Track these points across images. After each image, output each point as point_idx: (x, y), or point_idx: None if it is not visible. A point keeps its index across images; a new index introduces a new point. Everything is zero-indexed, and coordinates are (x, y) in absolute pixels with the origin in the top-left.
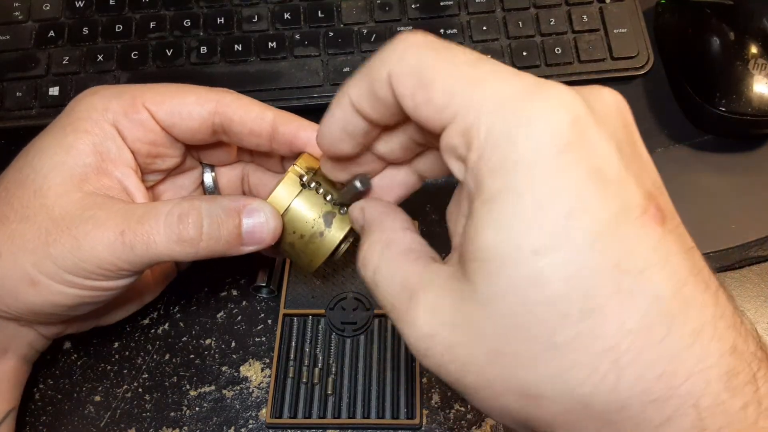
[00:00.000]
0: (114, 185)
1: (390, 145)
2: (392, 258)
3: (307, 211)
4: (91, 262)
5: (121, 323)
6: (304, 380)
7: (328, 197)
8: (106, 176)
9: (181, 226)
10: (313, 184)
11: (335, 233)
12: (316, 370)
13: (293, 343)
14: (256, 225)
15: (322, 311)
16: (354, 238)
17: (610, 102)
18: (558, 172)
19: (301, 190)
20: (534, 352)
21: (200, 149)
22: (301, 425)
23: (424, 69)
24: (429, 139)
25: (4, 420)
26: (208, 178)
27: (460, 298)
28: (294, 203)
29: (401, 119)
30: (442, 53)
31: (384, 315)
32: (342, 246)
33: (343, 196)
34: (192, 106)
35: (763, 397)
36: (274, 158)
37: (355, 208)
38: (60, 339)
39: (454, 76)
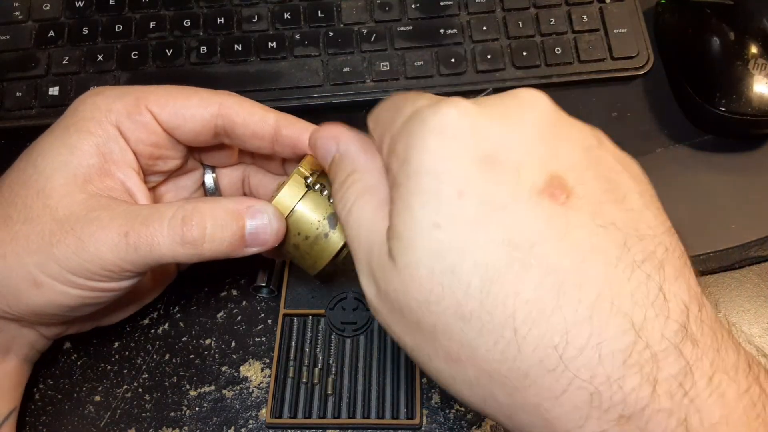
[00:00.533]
0: (117, 186)
1: None
2: (367, 206)
3: (312, 212)
4: (95, 263)
5: (121, 323)
6: (304, 380)
7: (332, 199)
8: (109, 177)
9: (185, 228)
10: (317, 186)
11: (340, 234)
12: (316, 370)
13: (293, 343)
14: (260, 227)
15: (322, 311)
16: None
17: (525, 100)
18: (449, 157)
19: (306, 192)
20: (447, 321)
21: (202, 151)
22: (301, 425)
23: (376, 113)
24: None
25: (5, 420)
26: (209, 179)
27: (389, 270)
28: (299, 205)
29: None
30: (389, 99)
31: None
32: (345, 249)
33: None
34: (195, 109)
35: (664, 378)
36: (276, 160)
37: (326, 136)
38: (60, 339)
39: (388, 112)
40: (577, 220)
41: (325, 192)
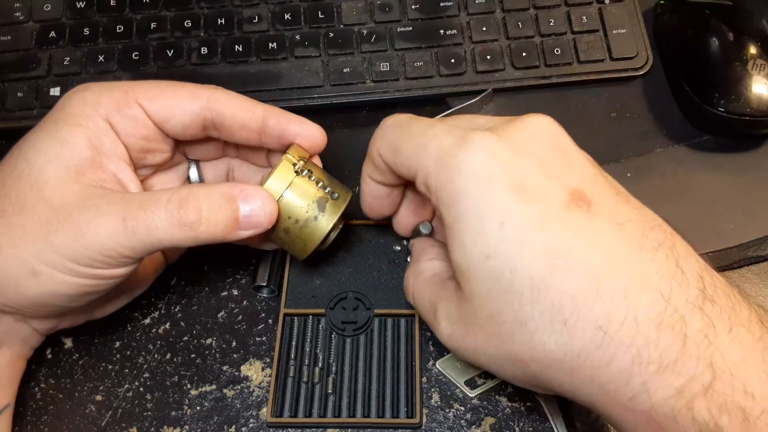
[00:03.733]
0: (109, 178)
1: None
2: (421, 284)
3: (302, 196)
4: (95, 249)
5: (122, 322)
6: (305, 379)
7: (320, 184)
8: (101, 170)
9: (182, 211)
10: (305, 172)
11: (329, 217)
12: (317, 370)
13: (294, 343)
14: (253, 210)
15: (323, 311)
16: (342, 225)
17: (534, 127)
18: (487, 195)
19: (294, 177)
20: (509, 329)
21: (187, 144)
22: (302, 424)
23: (394, 143)
24: None
25: (0, 415)
26: (193, 172)
27: (458, 302)
28: (289, 189)
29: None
30: (404, 128)
31: (384, 315)
32: (332, 234)
33: (335, 184)
34: (184, 102)
35: (692, 333)
36: (261, 152)
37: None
38: (60, 338)
39: (411, 145)
40: (601, 223)
41: (313, 177)
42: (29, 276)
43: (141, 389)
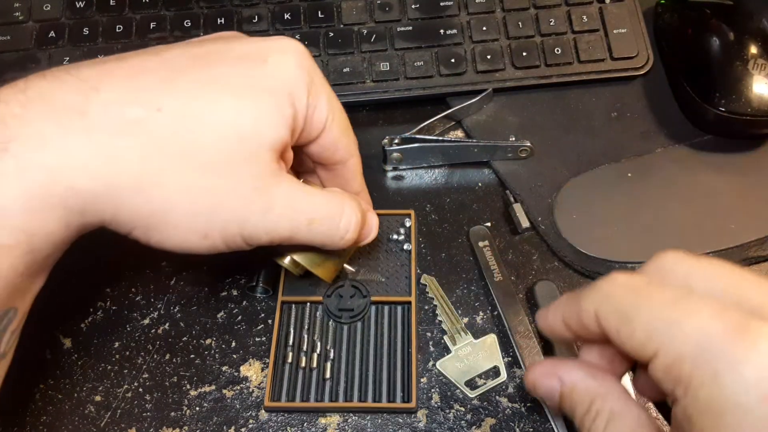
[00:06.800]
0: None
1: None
2: (621, 429)
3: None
4: (272, 234)
5: (121, 323)
6: (302, 365)
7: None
8: (284, 161)
9: (364, 231)
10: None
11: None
12: (314, 356)
13: (291, 330)
14: (374, 222)
15: (320, 298)
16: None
17: None
18: (762, 422)
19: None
20: None
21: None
22: (299, 409)
23: (626, 308)
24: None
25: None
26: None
27: None
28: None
29: (603, 341)
30: (642, 295)
31: (380, 302)
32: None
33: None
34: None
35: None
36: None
37: (541, 374)
38: (59, 339)
39: (653, 315)
40: None
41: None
42: (200, 238)
43: (140, 390)
